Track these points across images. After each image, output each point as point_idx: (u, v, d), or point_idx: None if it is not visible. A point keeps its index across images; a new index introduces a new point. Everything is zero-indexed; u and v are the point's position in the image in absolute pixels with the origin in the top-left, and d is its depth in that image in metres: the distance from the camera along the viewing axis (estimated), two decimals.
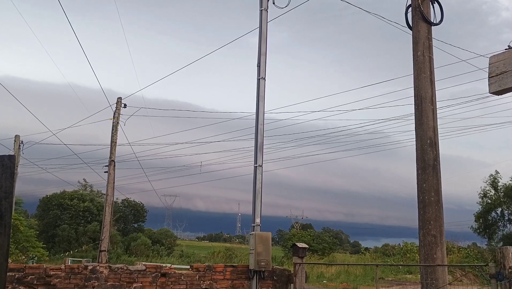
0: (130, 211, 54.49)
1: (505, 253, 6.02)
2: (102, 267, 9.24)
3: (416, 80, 8.77)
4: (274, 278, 10.56)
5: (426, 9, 8.90)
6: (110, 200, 22.17)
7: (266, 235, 10.54)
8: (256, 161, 11.32)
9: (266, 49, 11.92)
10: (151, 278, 9.39)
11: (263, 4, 12.15)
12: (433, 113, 8.59)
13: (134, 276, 9.27)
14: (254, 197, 11.12)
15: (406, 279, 28.50)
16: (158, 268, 9.68)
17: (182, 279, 9.71)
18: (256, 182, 11.18)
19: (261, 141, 11.41)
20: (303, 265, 10.48)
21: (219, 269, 10.20)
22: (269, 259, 10.37)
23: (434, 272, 7.93)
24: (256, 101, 11.64)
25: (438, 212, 8.21)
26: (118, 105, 22.98)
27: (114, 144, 22.42)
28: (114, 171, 22.46)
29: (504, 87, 2.84)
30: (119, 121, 22.70)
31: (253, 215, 11.07)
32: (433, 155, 8.37)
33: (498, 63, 2.91)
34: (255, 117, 11.57)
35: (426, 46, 8.78)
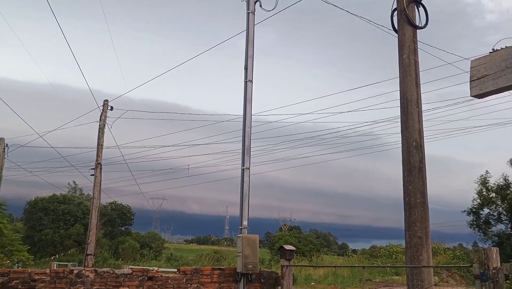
0: (117, 214, 54.08)
1: (489, 254, 6.08)
2: (88, 271, 9.15)
3: (402, 83, 8.84)
4: (262, 281, 10.56)
5: (411, 13, 8.98)
6: (96, 203, 22.00)
7: (254, 238, 10.54)
8: (244, 164, 11.32)
9: (253, 52, 11.94)
10: (137, 282, 9.33)
11: (250, 7, 12.17)
12: (419, 116, 8.66)
13: (120, 279, 9.20)
14: (242, 200, 11.11)
15: (393, 281, 28.67)
16: (145, 272, 9.63)
17: (169, 282, 9.67)
18: (243, 184, 11.18)
19: (248, 144, 11.41)
20: (290, 268, 10.49)
21: (206, 272, 10.17)
22: (256, 261, 10.36)
23: (419, 273, 7.99)
24: (244, 104, 11.64)
25: (424, 213, 8.27)
26: (104, 107, 22.84)
27: (101, 146, 22.27)
28: (100, 174, 22.30)
29: (485, 90, 2.88)
30: (105, 123, 22.57)
31: (241, 217, 11.05)
32: (418, 157, 8.44)
33: (479, 66, 2.95)
34: (243, 120, 11.57)
35: (412, 49, 8.86)
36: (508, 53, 2.85)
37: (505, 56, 2.84)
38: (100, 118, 22.58)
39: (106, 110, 22.78)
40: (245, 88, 11.72)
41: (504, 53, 2.87)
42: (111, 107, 22.93)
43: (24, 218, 49.50)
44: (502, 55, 2.87)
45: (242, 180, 11.22)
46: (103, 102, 23.12)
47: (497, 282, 5.90)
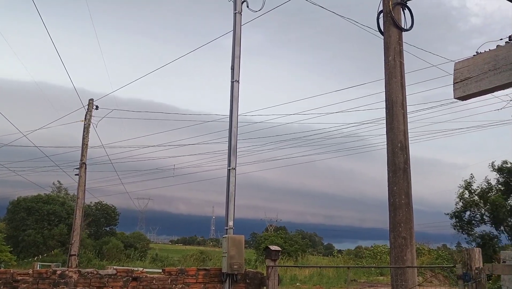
0: (102, 214, 53.63)
1: (472, 254, 6.15)
2: (71, 271, 9.07)
3: (387, 84, 8.90)
4: (247, 281, 10.55)
5: (397, 15, 9.05)
6: (80, 203, 21.79)
7: (239, 238, 10.53)
8: (230, 164, 11.31)
9: (240, 52, 11.94)
10: (122, 282, 9.26)
11: (237, 7, 12.16)
12: (404, 117, 8.73)
13: (104, 280, 9.13)
14: (228, 200, 11.10)
15: (378, 281, 28.88)
16: (129, 272, 9.56)
17: (154, 283, 9.62)
18: (229, 184, 11.17)
19: (234, 144, 11.40)
20: (276, 268, 10.50)
21: (191, 273, 10.14)
22: (242, 262, 10.36)
23: (404, 273, 8.05)
24: (230, 104, 11.63)
25: (408, 214, 8.34)
26: (89, 106, 22.65)
27: (86, 146, 22.07)
28: (85, 174, 22.09)
29: (468, 92, 2.91)
30: (90, 122, 22.38)
31: (226, 218, 11.04)
32: (403, 158, 8.50)
33: (462, 69, 2.98)
34: (229, 120, 11.56)
35: (397, 51, 8.92)
36: (490, 56, 2.88)
37: (488, 59, 2.87)
38: (85, 117, 22.39)
39: (91, 110, 22.59)
40: (232, 88, 11.71)
41: (487, 56, 2.90)
42: (96, 106, 22.75)
43: (7, 218, 48.81)
44: (484, 58, 2.91)
45: (228, 180, 11.21)
46: (88, 101, 22.94)
47: (479, 282, 5.97)
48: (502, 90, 2.89)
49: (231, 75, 11.78)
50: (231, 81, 11.76)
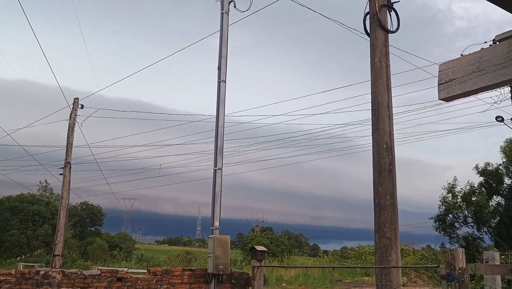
0: (87, 214, 53.15)
1: (455, 254, 6.21)
2: (55, 272, 8.97)
3: (373, 86, 8.95)
4: (233, 282, 10.53)
5: (384, 17, 9.11)
6: (65, 203, 21.57)
7: (225, 239, 10.51)
8: (216, 164, 11.29)
9: (227, 52, 11.92)
10: (106, 283, 9.18)
11: (224, 7, 12.14)
12: (389, 119, 8.78)
13: (88, 281, 9.04)
14: (214, 200, 11.08)
15: (363, 281, 29.03)
16: (114, 273, 9.48)
17: (139, 283, 9.55)
18: (215, 185, 11.14)
19: (221, 144, 11.38)
20: (261, 268, 10.49)
21: (176, 273, 10.09)
22: (227, 262, 10.34)
23: (388, 273, 8.10)
24: (217, 104, 11.61)
25: (393, 215, 8.39)
26: (74, 105, 22.43)
27: (70, 145, 21.85)
28: (69, 173, 21.87)
29: (452, 94, 2.94)
30: (75, 122, 22.15)
31: (212, 218, 11.01)
32: (389, 159, 8.56)
33: (447, 70, 3.00)
34: (215, 120, 11.54)
35: (383, 53, 8.98)
36: (474, 58, 2.91)
37: (472, 61, 2.90)
38: (70, 116, 22.16)
39: (76, 109, 22.37)
40: (218, 88, 11.69)
41: (471, 58, 2.93)
42: (81, 105, 22.54)
43: None
44: (469, 59, 2.93)
45: (214, 180, 11.18)
46: (73, 100, 22.72)
47: (462, 282, 6.03)
48: (485, 92, 2.93)
49: (218, 75, 11.76)
50: (217, 81, 11.74)
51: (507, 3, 2.57)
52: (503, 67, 2.70)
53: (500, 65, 2.73)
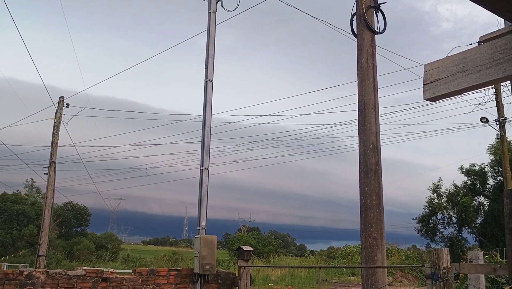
0: (73, 214, 52.68)
1: (440, 254, 6.26)
2: (38, 272, 8.86)
3: (360, 86, 8.99)
4: (219, 282, 10.51)
5: (370, 18, 9.15)
6: (49, 203, 21.34)
7: (211, 239, 10.48)
8: (203, 164, 11.25)
9: (214, 52, 11.89)
10: (91, 283, 9.09)
11: (212, 7, 12.11)
12: (376, 119, 8.83)
13: (73, 281, 8.95)
14: (200, 200, 11.04)
15: (350, 281, 29.16)
16: (99, 273, 9.40)
17: (124, 283, 9.48)
18: (202, 185, 11.11)
19: (207, 144, 11.34)
20: (248, 268, 10.48)
21: (162, 273, 10.03)
22: (214, 262, 10.31)
23: (374, 273, 8.14)
24: (203, 104, 11.57)
25: (379, 215, 8.43)
26: (60, 104, 22.20)
27: (55, 144, 21.61)
28: (54, 173, 21.64)
29: (437, 94, 2.96)
30: (60, 121, 21.92)
31: (199, 218, 10.98)
32: (375, 159, 8.60)
33: (432, 70, 3.02)
34: (202, 120, 11.50)
35: (370, 54, 9.02)
36: (459, 59, 2.93)
37: (457, 61, 2.92)
38: (55, 115, 21.93)
39: (62, 107, 22.14)
40: (205, 87, 11.66)
41: (456, 59, 2.95)
42: (67, 104, 22.31)
43: None
44: (453, 60, 2.95)
45: (201, 180, 11.14)
46: (58, 99, 22.49)
47: (447, 281, 6.08)
48: (470, 92, 2.95)
49: (205, 74, 11.72)
50: (204, 80, 11.70)
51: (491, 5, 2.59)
52: (487, 68, 2.72)
53: (484, 65, 2.75)
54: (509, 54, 2.68)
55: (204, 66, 11.80)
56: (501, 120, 21.10)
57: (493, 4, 2.59)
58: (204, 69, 11.81)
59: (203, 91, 11.67)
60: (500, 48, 2.75)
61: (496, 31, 2.83)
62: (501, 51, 2.72)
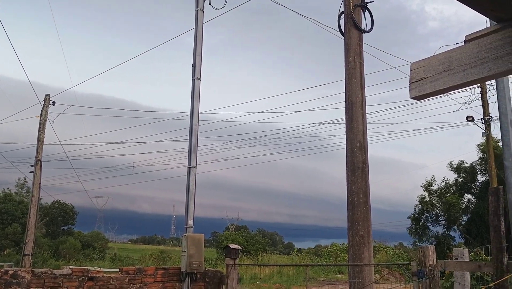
0: (59, 213, 52.22)
1: (426, 252, 6.32)
2: (24, 271, 8.76)
3: (347, 85, 9.02)
4: (206, 280, 10.49)
5: (358, 17, 9.18)
6: (35, 202, 21.12)
7: (199, 237, 10.46)
8: (190, 162, 11.22)
9: (201, 50, 11.86)
10: (77, 282, 9.02)
11: (199, 5, 12.07)
12: (363, 118, 8.87)
13: (59, 280, 8.87)
14: (188, 199, 11.01)
15: (337, 279, 29.28)
16: (85, 272, 9.33)
17: (111, 282, 9.42)
18: (189, 183, 11.08)
19: (195, 142, 11.31)
20: (235, 267, 10.48)
21: (149, 272, 9.99)
22: (201, 261, 10.29)
23: (361, 271, 8.19)
24: (191, 102, 11.54)
25: (366, 213, 8.48)
26: (46, 102, 21.97)
27: (41, 142, 21.39)
28: (40, 171, 21.42)
29: (423, 92, 2.97)
30: (46, 118, 21.70)
31: (186, 216, 10.95)
32: (362, 158, 8.64)
33: (418, 69, 3.04)
34: (190, 118, 11.46)
35: (357, 52, 9.06)
36: (445, 57, 2.95)
37: (442, 60, 2.94)
38: (41, 113, 21.69)
39: (48, 105, 21.92)
40: (193, 85, 11.62)
41: (442, 57, 2.97)
42: (53, 102, 22.09)
43: None
44: (439, 58, 2.97)
45: (189, 178, 11.12)
46: (44, 96, 22.26)
47: (432, 278, 6.14)
48: (455, 90, 2.98)
49: (193, 72, 11.69)
50: (192, 78, 11.67)
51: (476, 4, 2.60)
52: (472, 67, 2.74)
53: (470, 64, 2.77)
54: (494, 53, 2.70)
55: (192, 64, 11.76)
56: (486, 119, 21.32)
57: (478, 3, 2.61)
58: (191, 67, 11.77)
59: (191, 89, 11.63)
60: (485, 47, 2.76)
61: (482, 30, 2.85)
62: (486, 50, 2.74)
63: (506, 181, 9.86)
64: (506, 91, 10.16)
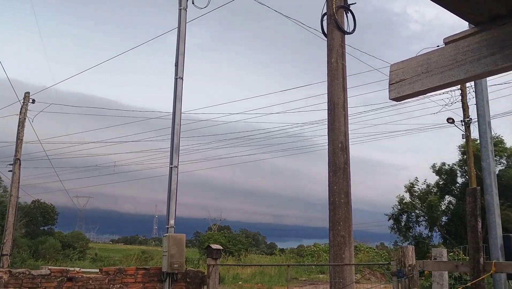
0: (39, 213, 51.52)
1: (405, 252, 6.38)
2: (1, 272, 8.62)
3: (330, 86, 9.06)
4: (187, 280, 10.44)
5: (340, 18, 9.22)
6: (14, 201, 20.80)
7: (180, 237, 10.40)
8: (172, 162, 11.16)
9: (184, 49, 11.81)
10: (56, 283, 8.90)
11: (182, 3, 12.02)
12: (345, 118, 8.91)
13: (37, 281, 8.74)
14: (169, 198, 10.95)
15: (319, 279, 29.42)
16: (64, 272, 9.21)
17: (90, 283, 9.31)
18: (171, 183, 11.02)
19: (177, 142, 11.26)
20: (217, 267, 10.45)
21: (130, 272, 9.90)
22: (182, 261, 10.24)
23: (342, 271, 8.23)
24: (173, 101, 11.48)
25: (347, 213, 8.53)
26: (25, 100, 21.65)
27: (20, 141, 21.08)
28: (19, 170, 21.09)
29: (402, 94, 3.00)
30: (26, 117, 21.38)
31: (168, 216, 10.90)
32: (343, 158, 8.68)
33: (397, 71, 3.06)
34: (172, 117, 11.41)
35: (340, 54, 9.10)
36: (423, 59, 2.98)
37: (421, 62, 2.96)
38: (20, 111, 21.37)
39: (27, 103, 21.60)
40: (175, 85, 11.56)
41: (420, 59, 3.00)
42: (32, 100, 21.79)
43: None
44: (418, 60, 3.00)
45: (170, 178, 11.06)
46: (24, 94, 21.93)
47: (412, 278, 6.20)
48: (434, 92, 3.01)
49: (175, 71, 11.63)
50: (174, 77, 11.61)
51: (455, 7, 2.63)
52: (449, 69, 2.77)
53: (447, 66, 2.80)
54: (471, 56, 2.73)
55: (174, 63, 11.70)
56: (466, 121, 21.63)
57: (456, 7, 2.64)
58: (174, 66, 11.71)
59: (173, 88, 11.57)
60: (463, 50, 2.80)
61: (459, 33, 2.88)
62: (463, 53, 2.77)
63: (484, 182, 10.01)
64: (484, 93, 10.31)
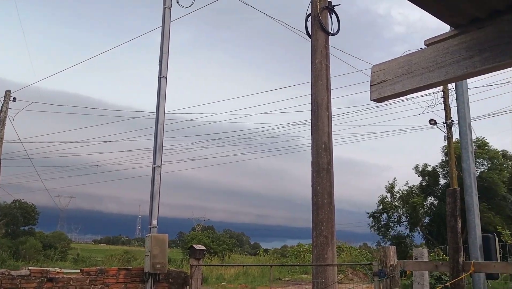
0: (20, 213, 50.79)
1: (387, 252, 6.43)
2: None
3: (314, 87, 9.10)
4: (170, 281, 10.39)
5: (325, 19, 9.27)
6: None
7: (163, 237, 10.35)
8: (155, 162, 11.09)
9: (168, 48, 11.75)
10: (36, 284, 8.78)
11: (167, 2, 11.96)
12: (328, 119, 8.95)
13: (16, 281, 8.61)
14: (152, 198, 10.89)
15: (302, 279, 29.50)
16: (44, 273, 9.08)
17: (71, 283, 9.20)
18: (154, 183, 10.96)
19: (160, 142, 11.19)
20: (199, 267, 10.41)
21: (112, 273, 9.81)
22: (165, 261, 10.18)
23: (324, 271, 8.27)
24: (157, 100, 11.41)
25: (330, 214, 8.57)
26: (6, 98, 21.33)
27: (1, 140, 20.75)
28: None
29: (383, 95, 3.02)
30: (6, 115, 21.07)
31: (150, 216, 10.83)
32: (327, 159, 8.72)
33: (379, 72, 3.08)
34: (155, 117, 11.34)
35: (324, 55, 9.14)
36: (404, 61, 3.00)
37: (402, 64, 2.99)
38: (0, 109, 21.04)
39: (8, 101, 21.28)
40: (159, 84, 11.50)
41: (401, 61, 3.02)
42: (13, 98, 21.47)
43: None
44: (399, 62, 3.02)
45: (153, 178, 10.99)
46: (4, 92, 21.61)
47: (393, 278, 6.25)
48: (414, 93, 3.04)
49: (159, 70, 11.57)
50: (158, 77, 11.54)
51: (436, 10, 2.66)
52: (430, 71, 2.80)
53: (428, 68, 2.83)
54: (451, 57, 2.76)
55: (158, 62, 11.64)
56: (448, 123, 21.89)
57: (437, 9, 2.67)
58: (158, 65, 11.65)
59: (157, 88, 11.50)
60: (443, 52, 2.83)
61: (440, 35, 2.92)
62: (443, 55, 2.80)
63: (464, 183, 10.14)
64: (465, 95, 10.46)
